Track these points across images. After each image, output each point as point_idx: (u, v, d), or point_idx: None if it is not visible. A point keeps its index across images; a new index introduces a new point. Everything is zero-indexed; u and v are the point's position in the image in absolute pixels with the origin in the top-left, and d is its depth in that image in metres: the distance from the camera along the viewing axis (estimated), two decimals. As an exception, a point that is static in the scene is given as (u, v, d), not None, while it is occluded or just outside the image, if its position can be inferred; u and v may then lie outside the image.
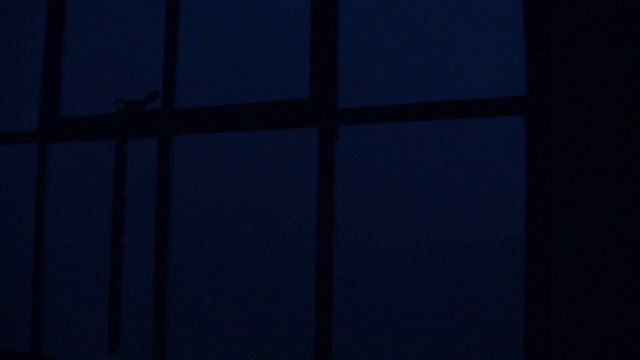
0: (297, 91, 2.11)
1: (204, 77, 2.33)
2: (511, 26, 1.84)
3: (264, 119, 2.17)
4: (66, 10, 2.60)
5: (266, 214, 2.20)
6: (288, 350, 2.13)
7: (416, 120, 1.96)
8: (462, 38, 1.95)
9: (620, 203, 1.49)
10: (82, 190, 2.54)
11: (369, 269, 2.02)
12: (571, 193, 1.55)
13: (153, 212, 2.31)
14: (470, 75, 1.92)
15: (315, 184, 2.04)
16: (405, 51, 2.03)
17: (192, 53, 2.34)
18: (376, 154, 2.04)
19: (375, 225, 2.02)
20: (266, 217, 2.20)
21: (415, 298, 1.95)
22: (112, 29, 2.55)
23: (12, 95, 2.76)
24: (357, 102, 2.03)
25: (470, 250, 1.89)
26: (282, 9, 2.23)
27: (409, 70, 2.01)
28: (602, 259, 1.50)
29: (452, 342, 1.90)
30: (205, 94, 2.30)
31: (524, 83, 1.78)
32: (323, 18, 2.08)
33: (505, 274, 1.82)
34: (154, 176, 2.32)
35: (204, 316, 2.28)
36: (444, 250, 1.92)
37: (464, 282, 1.89)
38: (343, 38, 2.07)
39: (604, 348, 1.48)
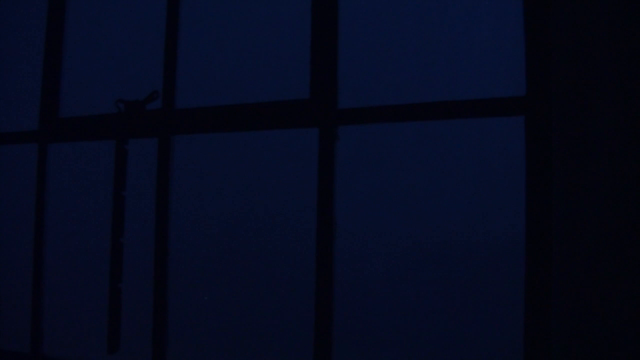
0: (297, 91, 2.11)
1: (204, 77, 2.33)
2: (511, 26, 1.84)
3: (264, 119, 2.17)
4: (66, 10, 2.61)
5: (266, 213, 2.20)
6: (288, 351, 2.13)
7: (416, 120, 1.96)
8: (462, 38, 1.95)
9: (620, 202, 1.50)
10: (82, 190, 2.53)
11: (369, 268, 2.02)
12: (571, 193, 1.56)
13: (153, 212, 2.31)
14: (470, 75, 1.92)
15: (315, 183, 2.04)
16: (406, 51, 2.03)
17: (192, 53, 2.34)
18: (376, 154, 2.04)
19: (376, 225, 2.02)
20: (266, 216, 2.20)
21: (415, 298, 1.95)
22: (112, 29, 2.55)
23: (12, 95, 2.76)
24: (357, 102, 2.03)
25: (470, 251, 1.89)
26: (282, 9, 2.23)
27: (409, 70, 2.01)
28: (604, 258, 1.50)
29: (452, 342, 1.90)
30: (206, 93, 2.30)
31: (524, 83, 1.78)
32: (323, 18, 2.08)
33: (506, 274, 1.82)
34: (154, 176, 2.32)
35: (204, 316, 2.28)
36: (444, 250, 1.92)
37: (465, 282, 1.89)
38: (343, 38, 2.07)
39: (606, 348, 1.48)
